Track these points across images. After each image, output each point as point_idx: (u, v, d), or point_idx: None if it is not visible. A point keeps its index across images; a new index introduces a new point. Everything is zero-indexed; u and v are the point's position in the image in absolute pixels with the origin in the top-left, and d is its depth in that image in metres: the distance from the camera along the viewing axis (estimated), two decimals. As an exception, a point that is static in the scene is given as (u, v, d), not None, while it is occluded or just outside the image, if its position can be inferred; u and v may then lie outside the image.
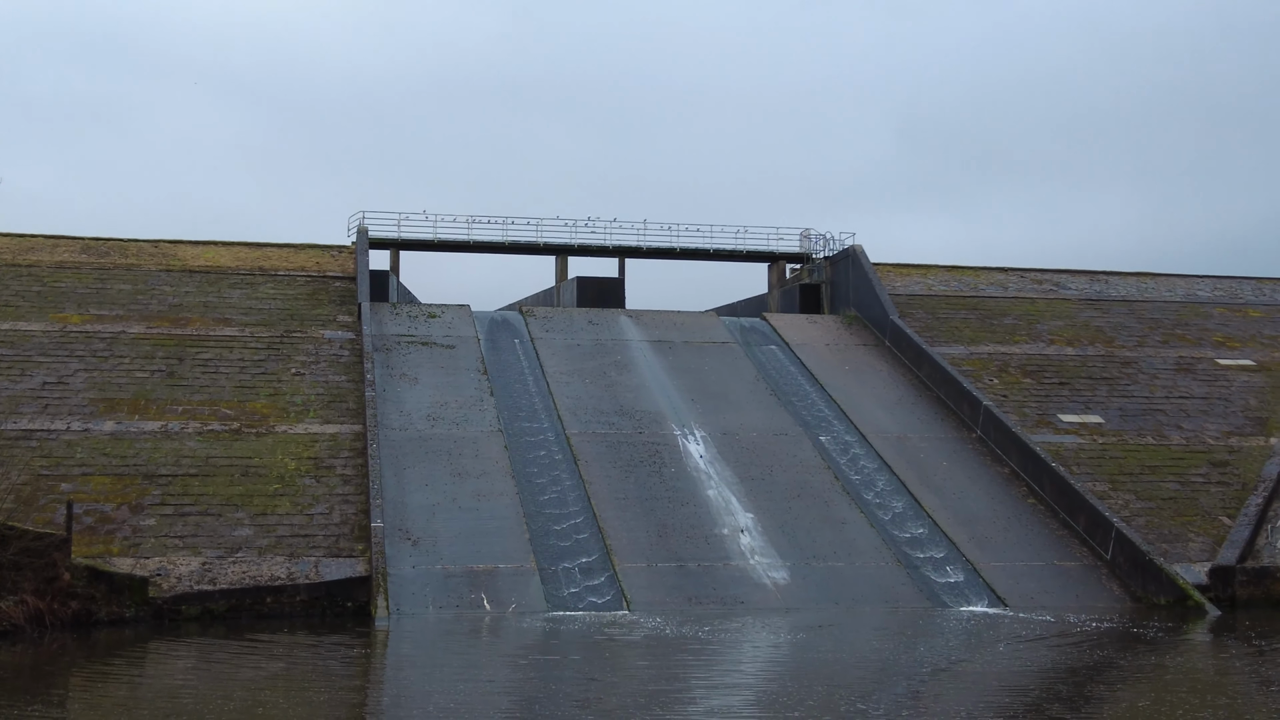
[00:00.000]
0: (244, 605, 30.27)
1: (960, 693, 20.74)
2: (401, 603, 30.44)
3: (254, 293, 46.19)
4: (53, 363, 39.54)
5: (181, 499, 33.63)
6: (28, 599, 27.63)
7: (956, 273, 54.90)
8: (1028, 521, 37.35)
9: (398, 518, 33.94)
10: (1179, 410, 44.08)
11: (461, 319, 48.18)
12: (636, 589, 31.84)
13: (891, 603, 32.10)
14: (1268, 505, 37.99)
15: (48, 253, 46.91)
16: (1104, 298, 53.46)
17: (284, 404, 38.98)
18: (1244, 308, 53.93)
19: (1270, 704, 19.83)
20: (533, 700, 20.06)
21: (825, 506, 36.99)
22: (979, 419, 42.13)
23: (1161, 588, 33.49)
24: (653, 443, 39.72)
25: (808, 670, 23.01)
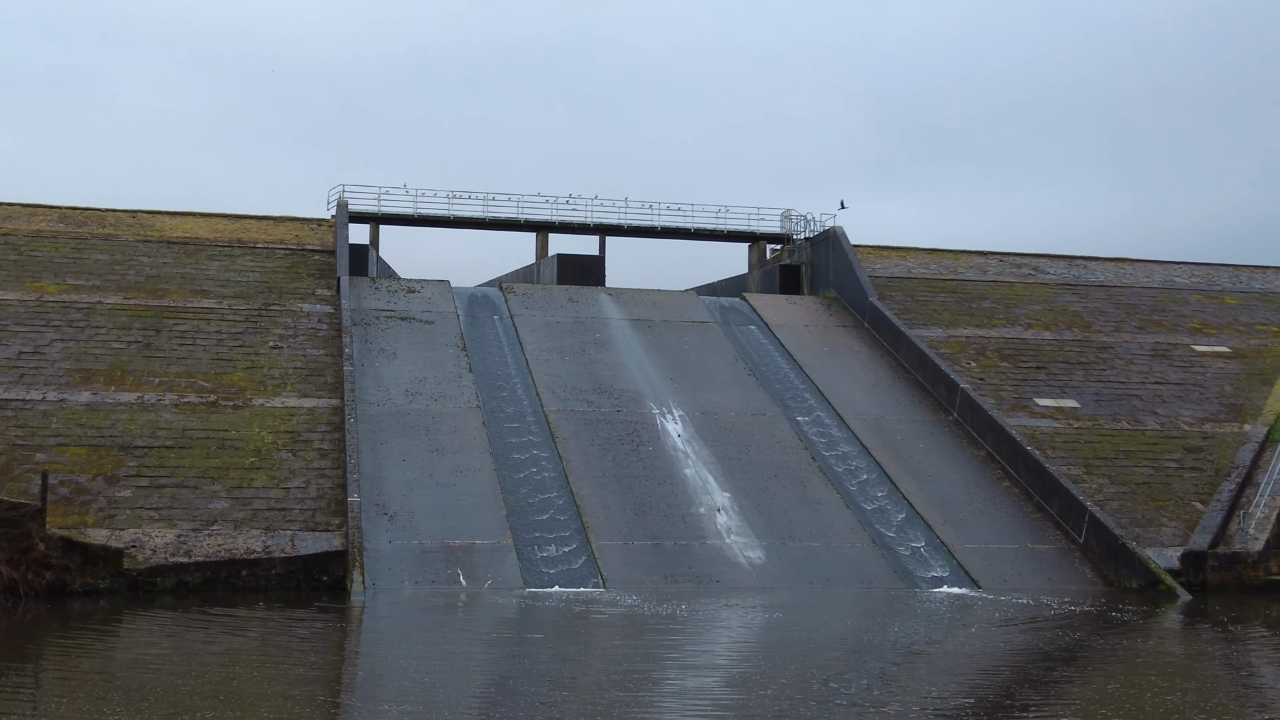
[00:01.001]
0: (219, 578, 30.24)
1: (932, 673, 20.84)
2: (377, 577, 30.45)
3: (232, 265, 46.00)
4: (29, 332, 39.34)
5: (157, 471, 33.56)
6: (1, 569, 27.57)
7: (936, 255, 54.91)
8: (1002, 504, 37.53)
9: (374, 493, 33.93)
10: (1154, 396, 44.29)
11: (441, 294, 48.08)
12: (613, 567, 31.90)
13: (866, 583, 32.21)
14: (1240, 492, 38.21)
15: (25, 221, 46.58)
16: (1082, 283, 53.59)
17: (261, 377, 38.88)
18: (1221, 295, 54.13)
19: (1239, 688, 19.99)
20: (506, 677, 20.11)
21: (802, 487, 37.08)
22: (956, 402, 42.26)
23: (1134, 571, 33.71)
24: (631, 421, 39.75)
25: (781, 649, 23.09)
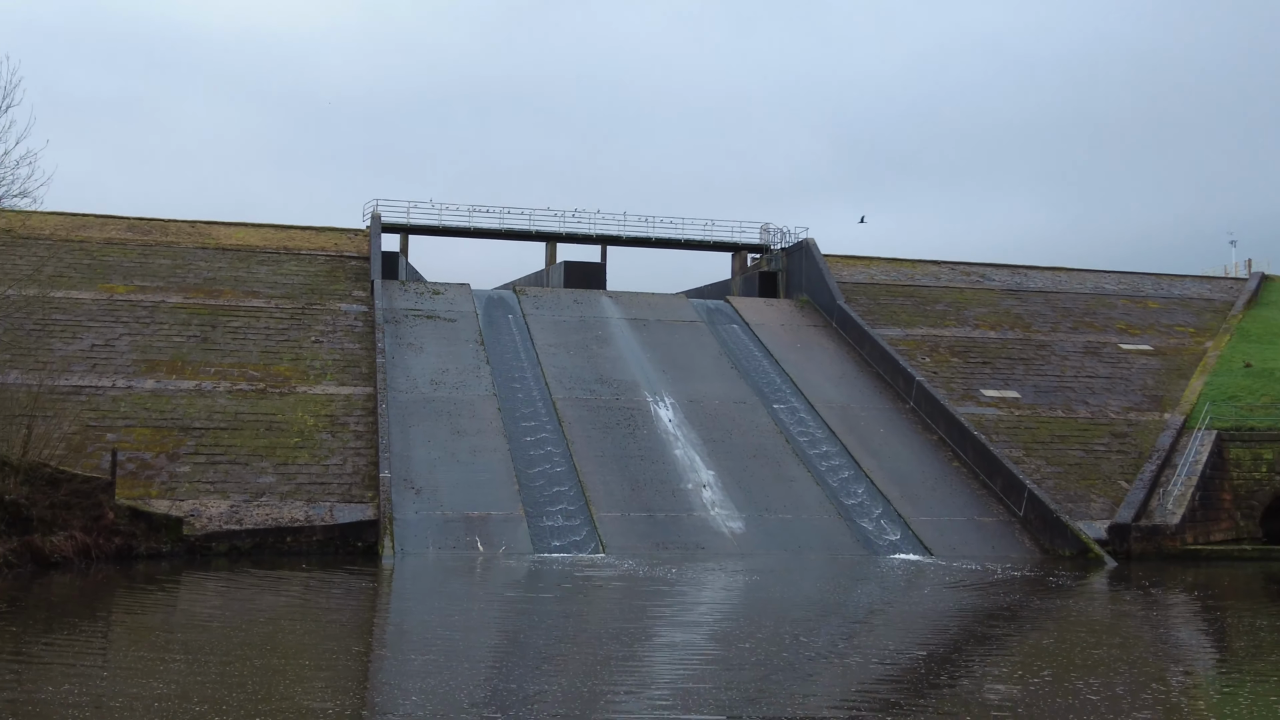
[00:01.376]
0: (267, 544, 30.30)
1: (889, 630, 20.90)
2: (405, 544, 30.49)
3: (279, 269, 46.02)
4: (100, 327, 39.37)
5: (213, 449, 33.60)
6: (76, 535, 27.60)
7: (895, 264, 55.00)
8: (952, 482, 37.60)
9: (403, 469, 33.96)
10: (1086, 388, 44.37)
11: (462, 296, 48.11)
12: (611, 535, 31.94)
13: (833, 551, 32.27)
14: (1160, 472, 38.32)
15: (97, 230, 46.62)
16: (1023, 289, 53.67)
17: (304, 367, 38.92)
18: (1144, 299, 54.25)
19: (1157, 643, 20.06)
20: (517, 632, 20.15)
21: (777, 466, 37.14)
22: (912, 392, 42.32)
23: (1066, 542, 33.80)
24: (628, 408, 39.79)
25: (758, 608, 23.13)
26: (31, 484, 27.67)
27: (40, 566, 25.99)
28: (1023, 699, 13.99)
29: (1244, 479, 38.58)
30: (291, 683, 14.43)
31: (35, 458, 28.45)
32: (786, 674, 15.46)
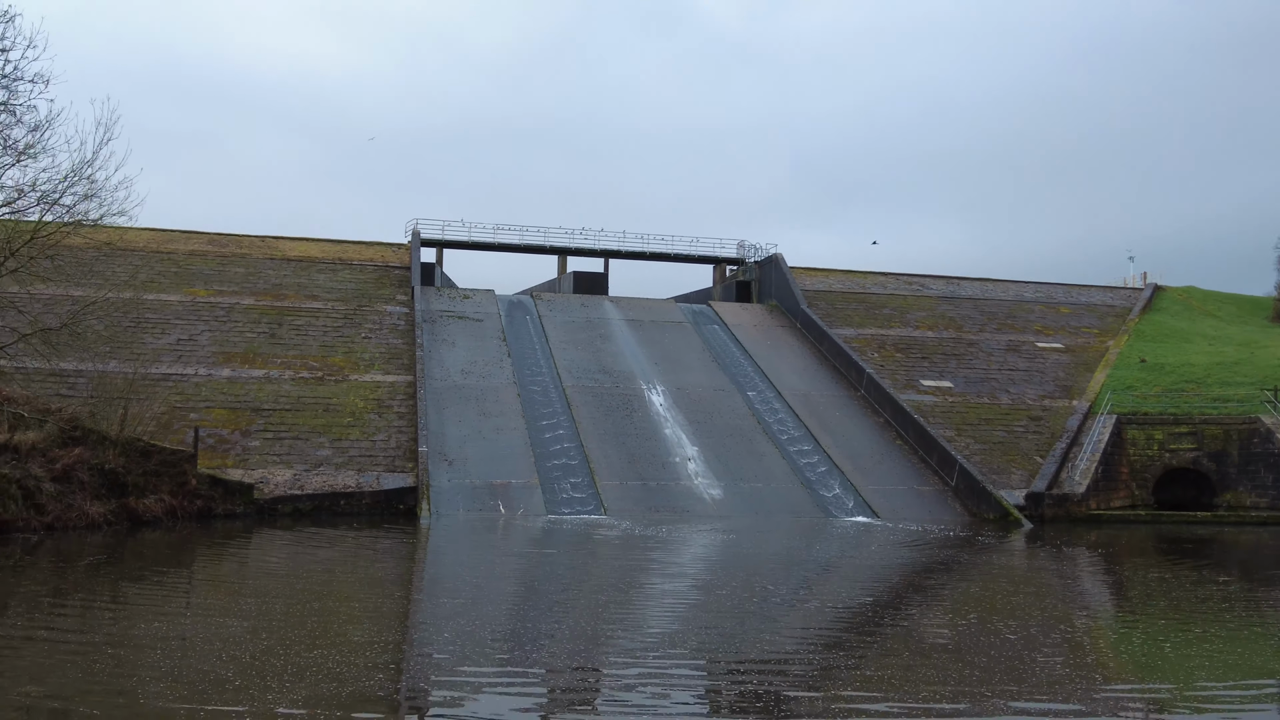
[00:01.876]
0: (324, 506, 30.38)
1: (842, 580, 20.99)
2: (439, 507, 30.57)
3: (335, 276, 46.05)
4: (185, 325, 39.39)
5: (279, 427, 33.64)
6: (165, 498, 27.67)
7: (849, 275, 55.10)
8: (896, 457, 37.72)
9: (438, 444, 34.04)
10: (1008, 379, 44.48)
11: (488, 300, 48.16)
12: (612, 500, 32.03)
13: (796, 514, 32.37)
14: (1069, 449, 38.47)
15: (182, 243, 46.63)
16: (955, 296, 53.80)
17: (355, 359, 38.96)
18: (1057, 305, 54.40)
19: (1065, 592, 20.15)
20: (531, 580, 20.22)
21: (750, 443, 37.24)
22: (863, 382, 42.41)
23: (990, 507, 33.91)
24: (626, 394, 39.86)
25: (733, 562, 23.21)
26: (127, 455, 27.73)
27: (134, 524, 26.06)
28: (953, 638, 14.08)
29: (1139, 455, 38.78)
30: (344, 622, 14.50)
31: (131, 433, 28.51)
32: (756, 618, 15.54)
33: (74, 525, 24.81)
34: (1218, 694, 11.25)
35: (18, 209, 26.87)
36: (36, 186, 26.83)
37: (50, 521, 24.45)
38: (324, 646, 12.20)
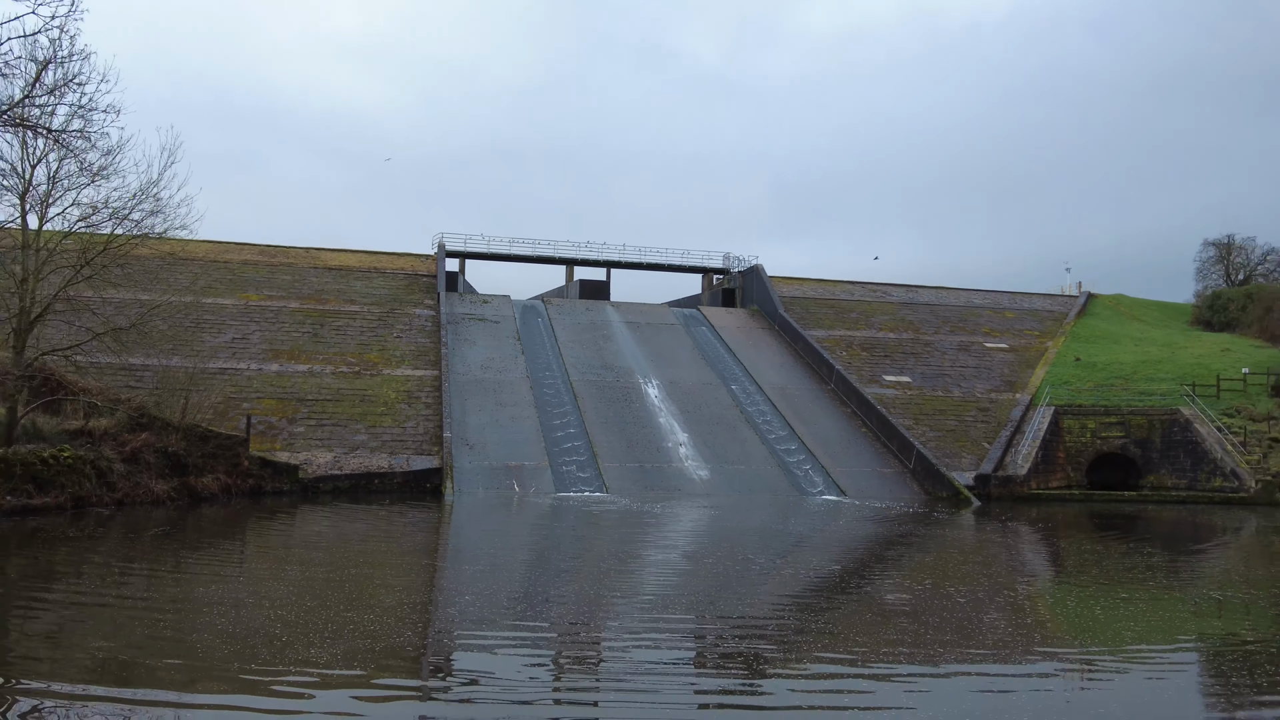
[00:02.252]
0: (360, 484, 30.39)
1: (815, 550, 21.00)
2: (461, 485, 30.58)
3: (370, 283, 46.04)
4: (239, 325, 39.37)
5: (321, 415, 33.64)
6: (220, 477, 27.67)
7: (821, 283, 55.13)
8: (861, 443, 37.77)
9: (460, 431, 34.05)
10: (959, 375, 44.52)
11: (504, 304, 48.16)
12: (613, 479, 32.05)
13: (774, 492, 32.40)
14: (1013, 437, 38.52)
15: (235, 254, 46.60)
16: (914, 302, 53.83)
17: (388, 356, 38.96)
18: (1002, 310, 54.45)
19: (1008, 560, 20.16)
20: (541, 550, 20.24)
21: (733, 430, 37.27)
22: (832, 377, 42.44)
23: (944, 487, 33.96)
24: (625, 386, 39.88)
25: (718, 534, 23.23)
26: (188, 439, 27.71)
27: (193, 500, 26.06)
28: (910, 601, 14.09)
29: (1074, 442, 38.84)
30: (377, 586, 14.50)
31: (191, 420, 28.48)
32: (737, 583, 15.54)
33: (141, 501, 24.79)
34: (1143, 651, 11.27)
35: (93, 224, 26.83)
36: (109, 204, 26.81)
37: (120, 497, 24.43)
38: (359, 607, 12.19)
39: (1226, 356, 47.29)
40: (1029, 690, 9.25)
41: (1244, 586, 16.69)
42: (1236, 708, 9.07)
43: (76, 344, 27.24)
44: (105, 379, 31.28)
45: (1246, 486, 36.04)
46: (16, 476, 22.58)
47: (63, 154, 25.14)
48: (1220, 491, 36.34)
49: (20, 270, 25.69)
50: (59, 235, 26.55)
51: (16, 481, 22.50)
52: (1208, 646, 11.66)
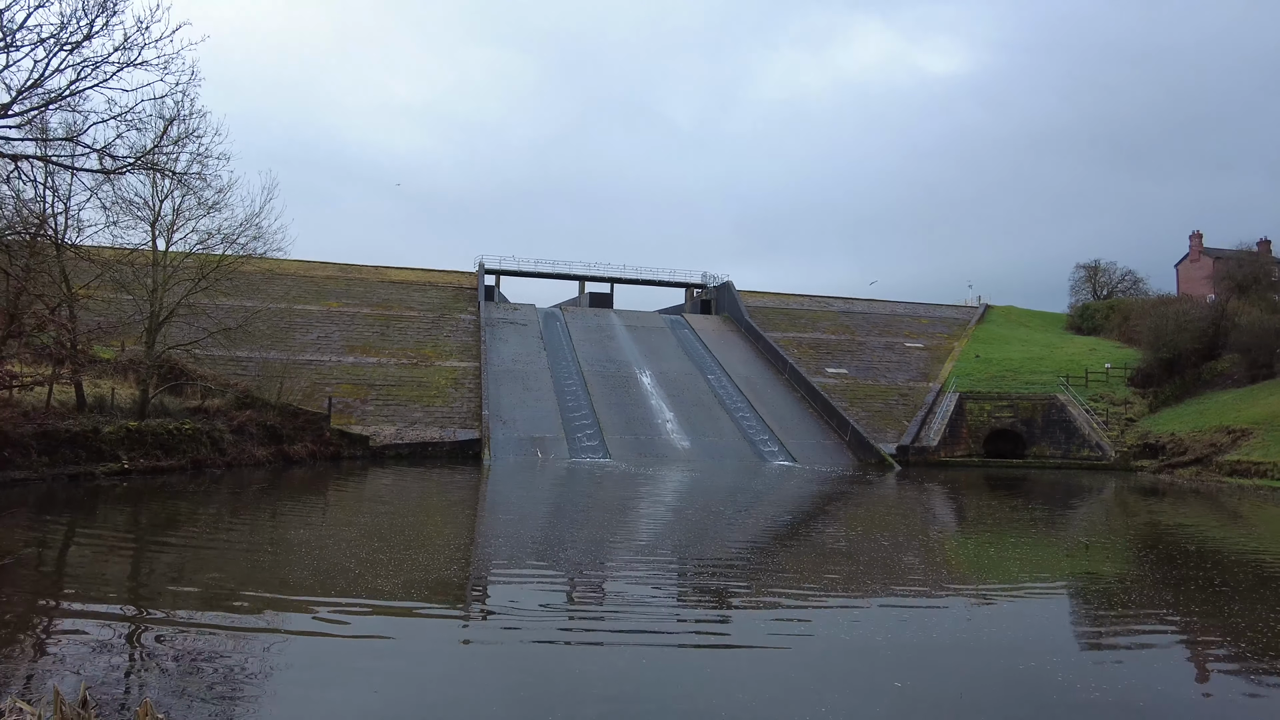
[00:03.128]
0: (417, 452, 30.35)
1: (770, 504, 21.01)
2: (496, 453, 30.56)
3: (424, 294, 45.90)
4: (323, 326, 39.25)
5: (386, 398, 33.57)
6: (308, 445, 27.62)
7: (778, 296, 55.09)
8: (808, 421, 37.80)
9: (496, 410, 34.02)
10: (886, 368, 44.53)
11: (530, 311, 48.07)
12: (615, 448, 32.05)
13: (740, 459, 32.43)
14: (926, 416, 38.55)
15: (320, 270, 46.42)
16: (851, 310, 53.81)
17: (440, 351, 38.88)
18: (919, 317, 54.44)
19: (921, 512, 20.18)
20: (561, 501, 20.24)
21: (708, 411, 37.27)
22: (786, 369, 42.46)
23: (872, 455, 34.00)
24: (624, 376, 39.87)
25: (696, 491, 23.23)
26: (282, 416, 27.66)
27: (286, 463, 26.02)
28: (845, 543, 14.11)
29: (974, 420, 38.90)
30: (430, 529, 14.50)
31: (284, 401, 28.44)
32: (712, 528, 15.56)
33: (245, 464, 24.76)
34: (1027, 585, 11.31)
35: (208, 246, 26.76)
36: (220, 231, 26.75)
37: (229, 460, 24.40)
38: (415, 547, 12.19)
39: (1093, 355, 47.38)
40: (939, 611, 9.28)
41: (1105, 533, 16.75)
42: (1096, 624, 9.11)
43: (195, 340, 27.16)
44: (218, 368, 31.21)
45: (1108, 456, 36.14)
46: (148, 444, 22.55)
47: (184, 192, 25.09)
48: (1088, 460, 36.45)
49: (151, 283, 25.60)
50: (181, 255, 26.46)
51: (148, 448, 22.46)
52: (1076, 579, 11.71)
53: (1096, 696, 6.43)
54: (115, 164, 17.65)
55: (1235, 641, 8.21)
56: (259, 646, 7.25)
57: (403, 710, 5.91)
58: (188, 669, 6.54)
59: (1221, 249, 63.01)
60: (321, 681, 6.46)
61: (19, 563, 10.53)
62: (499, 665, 7.04)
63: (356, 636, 7.75)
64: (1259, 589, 10.88)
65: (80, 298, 23.14)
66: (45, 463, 19.68)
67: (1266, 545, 15.45)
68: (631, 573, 11.12)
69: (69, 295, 22.45)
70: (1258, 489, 26.74)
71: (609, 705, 6.00)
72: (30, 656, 6.85)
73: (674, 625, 8.48)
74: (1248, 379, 39.39)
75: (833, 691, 6.44)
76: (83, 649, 6.95)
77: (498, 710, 5.89)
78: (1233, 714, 6.38)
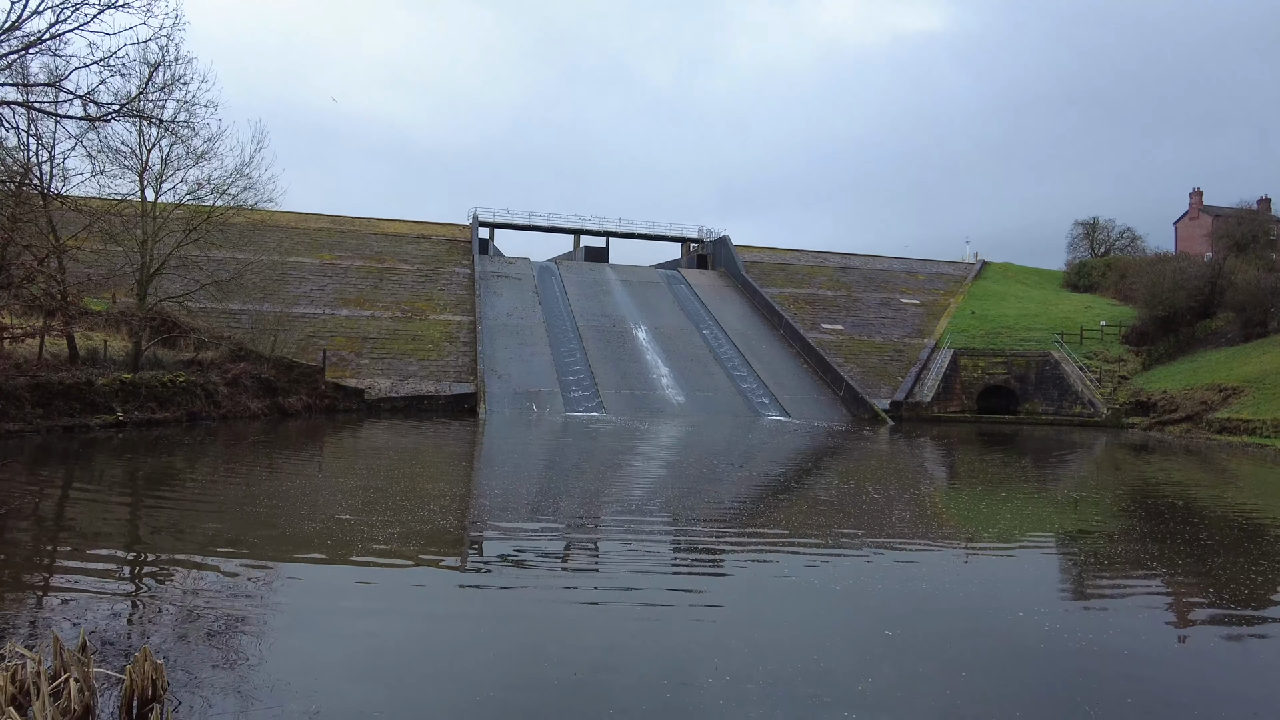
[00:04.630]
0: (412, 405, 30.41)
1: (765, 458, 21.16)
2: (491, 406, 30.64)
3: (418, 247, 45.48)
4: (316, 279, 38.96)
5: (381, 351, 33.50)
6: (303, 397, 27.66)
7: (774, 251, 54.76)
8: (803, 376, 37.94)
9: (490, 364, 34.01)
10: (881, 324, 44.55)
11: (525, 265, 47.77)
12: (610, 403, 32.17)
13: (734, 414, 32.60)
14: (920, 372, 38.71)
15: (312, 222, 45.89)
16: (847, 266, 53.58)
17: (435, 304, 38.69)
18: (916, 274, 54.30)
19: (914, 466, 20.38)
20: (555, 453, 20.35)
21: (704, 366, 37.34)
22: (781, 324, 42.45)
23: (866, 410, 34.21)
24: (620, 331, 39.81)
25: (691, 445, 23.37)
26: (277, 368, 27.62)
27: (282, 415, 26.07)
28: (837, 496, 14.25)
29: (968, 376, 39.08)
30: (426, 480, 14.57)
31: (279, 353, 28.36)
32: (706, 482, 15.69)
33: (240, 416, 24.79)
34: (1017, 537, 11.46)
35: (198, 197, 26.40)
36: (210, 181, 26.37)
37: (224, 413, 24.42)
38: (411, 498, 12.27)
39: (1089, 312, 47.42)
40: (929, 563, 9.41)
41: (1094, 489, 16.95)
42: (1083, 576, 9.26)
43: (187, 292, 26.95)
44: (210, 320, 31.02)
45: (1100, 413, 36.43)
46: (143, 396, 22.51)
47: (172, 140, 24.64)
48: (1080, 416, 36.74)
49: (141, 234, 25.28)
50: (171, 206, 26.09)
51: (143, 400, 22.44)
52: (1065, 533, 11.87)
53: (1083, 645, 6.55)
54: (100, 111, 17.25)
55: (1218, 593, 8.36)
56: (257, 594, 7.32)
57: (397, 654, 5.99)
58: (186, 616, 6.61)
59: (1221, 207, 62.66)
60: (319, 627, 6.54)
61: (14, 513, 10.57)
62: (494, 613, 7.13)
63: (353, 584, 7.82)
64: (1242, 543, 11.05)
65: (69, 249, 22.86)
66: (39, 415, 19.66)
67: (1251, 501, 15.67)
68: (625, 525, 11.22)
69: (57, 246, 22.16)
70: (1246, 446, 27.03)
71: (603, 655, 6.10)
72: (30, 605, 6.91)
73: (667, 577, 8.59)
74: (1242, 337, 39.52)
75: (824, 641, 6.55)
76: (81, 598, 7.01)
77: (493, 655, 5.98)
78: (1212, 660, 6.53)
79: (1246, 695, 5.74)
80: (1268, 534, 11.79)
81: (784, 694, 5.38)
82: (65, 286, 22.32)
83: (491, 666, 5.76)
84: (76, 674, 4.96)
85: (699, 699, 5.27)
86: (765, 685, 5.51)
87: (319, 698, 5.10)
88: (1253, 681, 6.07)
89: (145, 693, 4.97)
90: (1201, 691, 5.82)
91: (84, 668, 5.01)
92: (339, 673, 5.58)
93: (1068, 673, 5.95)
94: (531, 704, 5.18)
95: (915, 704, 5.32)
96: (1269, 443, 26.86)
